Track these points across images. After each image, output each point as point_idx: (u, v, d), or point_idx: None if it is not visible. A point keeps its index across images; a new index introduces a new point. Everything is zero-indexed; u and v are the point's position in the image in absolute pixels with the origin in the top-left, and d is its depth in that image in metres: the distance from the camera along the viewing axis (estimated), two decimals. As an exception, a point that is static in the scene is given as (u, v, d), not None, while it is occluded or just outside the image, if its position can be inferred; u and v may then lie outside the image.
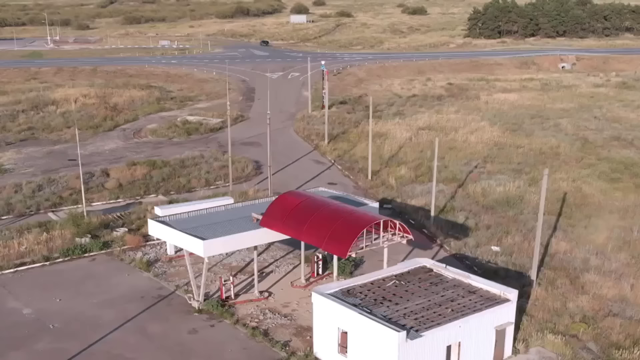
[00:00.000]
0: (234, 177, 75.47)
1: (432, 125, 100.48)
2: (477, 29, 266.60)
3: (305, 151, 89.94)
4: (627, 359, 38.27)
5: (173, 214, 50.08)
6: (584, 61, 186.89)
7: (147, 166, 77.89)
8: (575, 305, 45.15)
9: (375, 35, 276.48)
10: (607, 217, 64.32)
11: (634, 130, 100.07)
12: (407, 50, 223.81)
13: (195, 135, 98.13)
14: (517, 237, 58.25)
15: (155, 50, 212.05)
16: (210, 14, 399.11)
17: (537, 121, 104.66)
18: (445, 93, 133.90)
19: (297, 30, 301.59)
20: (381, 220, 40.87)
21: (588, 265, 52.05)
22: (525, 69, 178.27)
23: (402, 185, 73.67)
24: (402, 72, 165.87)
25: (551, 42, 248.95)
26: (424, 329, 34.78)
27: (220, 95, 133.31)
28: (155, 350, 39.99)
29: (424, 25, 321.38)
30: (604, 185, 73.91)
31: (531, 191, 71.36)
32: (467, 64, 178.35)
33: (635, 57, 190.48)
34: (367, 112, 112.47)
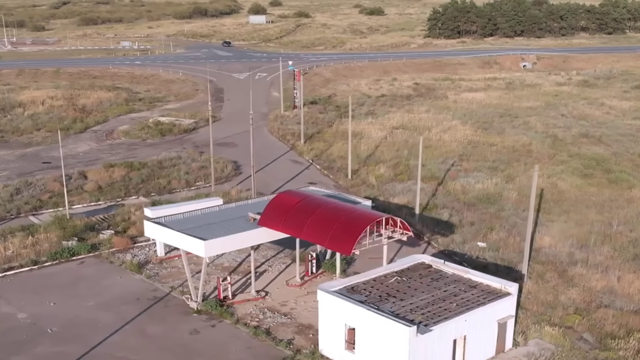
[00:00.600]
0: (216, 177, 75.37)
1: (405, 124, 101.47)
2: (437, 29, 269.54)
3: (282, 151, 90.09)
4: (623, 349, 39.35)
5: (164, 215, 50.06)
6: (544, 60, 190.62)
7: (124, 168, 77.19)
8: (567, 298, 46.35)
9: (336, 35, 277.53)
10: (584, 211, 65.92)
11: (600, 127, 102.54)
12: (369, 51, 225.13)
13: (169, 136, 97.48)
14: (502, 233, 59.41)
15: (116, 51, 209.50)
16: (167, 15, 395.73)
17: (506, 119, 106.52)
18: (413, 93, 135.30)
19: (257, 30, 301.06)
20: (383, 218, 41.36)
21: (574, 259, 53.38)
22: (488, 68, 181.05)
23: (382, 183, 74.33)
24: (367, 72, 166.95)
25: (510, 42, 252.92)
26: (432, 323, 35.38)
27: (189, 96, 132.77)
28: (159, 352, 39.85)
29: (383, 25, 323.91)
30: (578, 181, 75.66)
31: (509, 188, 72.79)
32: (431, 64, 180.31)
33: (594, 56, 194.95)
34: (339, 112, 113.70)
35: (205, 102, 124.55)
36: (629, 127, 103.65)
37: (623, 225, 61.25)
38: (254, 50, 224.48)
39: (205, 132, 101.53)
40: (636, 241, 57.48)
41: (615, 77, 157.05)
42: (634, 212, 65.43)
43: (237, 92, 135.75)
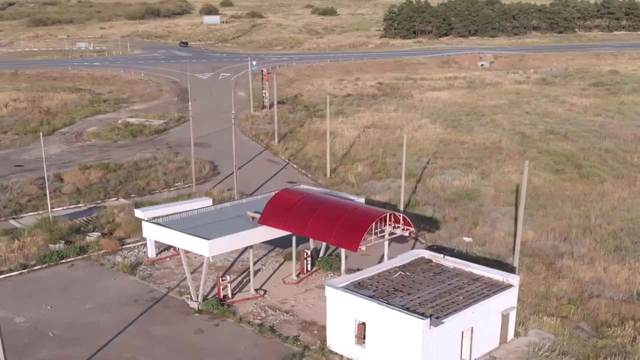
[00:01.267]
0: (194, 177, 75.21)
1: (376, 123, 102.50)
2: (393, 29, 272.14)
3: (257, 151, 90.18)
4: (620, 336, 40.74)
5: (155, 216, 50.09)
6: (501, 59, 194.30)
7: (100, 169, 76.45)
8: (559, 289, 47.72)
9: (293, 35, 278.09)
10: (560, 206, 67.73)
11: (564, 124, 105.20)
12: (328, 51, 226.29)
13: (140, 137, 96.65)
14: (486, 227, 60.72)
15: (73, 53, 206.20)
16: (119, 15, 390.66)
17: (473, 118, 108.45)
18: (379, 92, 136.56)
19: (212, 31, 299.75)
20: (388, 214, 42.02)
21: (558, 252, 54.93)
22: (447, 67, 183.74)
23: (361, 182, 75.06)
24: (330, 72, 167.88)
25: (465, 42, 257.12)
26: (443, 316, 36.14)
27: (154, 97, 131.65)
28: (167, 352, 39.78)
29: (338, 25, 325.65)
30: (550, 176, 77.63)
31: (485, 184, 74.31)
32: (392, 63, 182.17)
33: (549, 55, 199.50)
34: (308, 111, 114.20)
35: (170, 103, 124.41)
36: (591, 123, 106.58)
37: (600, 218, 63.15)
38: (213, 51, 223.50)
39: (177, 132, 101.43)
40: (615, 233, 59.34)
41: (572, 75, 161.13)
42: (608, 205, 67.47)
43: (203, 92, 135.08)
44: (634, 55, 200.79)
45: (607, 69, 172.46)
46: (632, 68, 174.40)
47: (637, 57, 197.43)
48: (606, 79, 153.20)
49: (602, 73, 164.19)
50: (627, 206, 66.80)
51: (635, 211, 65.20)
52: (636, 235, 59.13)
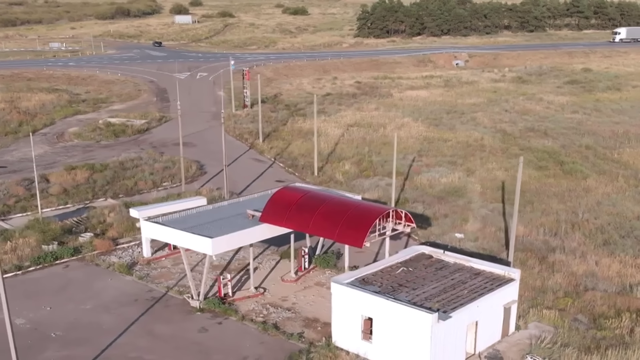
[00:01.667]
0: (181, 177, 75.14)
1: (359, 122, 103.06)
2: (366, 29, 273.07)
3: (242, 150, 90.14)
4: (618, 327, 41.63)
5: (151, 215, 50.17)
6: (476, 58, 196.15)
7: (86, 170, 75.89)
8: (554, 283, 48.52)
9: (267, 35, 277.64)
10: (547, 201, 68.81)
11: (543, 121, 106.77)
12: (302, 50, 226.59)
13: (123, 137, 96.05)
14: (476, 224, 61.47)
15: (46, 53, 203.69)
16: (89, 15, 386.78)
17: (454, 116, 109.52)
18: (358, 91, 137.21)
19: (185, 30, 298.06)
20: (391, 210, 42.45)
21: (550, 246, 55.82)
22: (423, 66, 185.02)
23: (349, 180, 75.47)
24: (307, 71, 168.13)
25: (438, 41, 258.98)
26: (450, 310, 36.65)
27: (133, 97, 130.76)
28: (173, 351, 39.75)
29: (310, 25, 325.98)
30: (534, 173, 78.77)
31: (471, 181, 75.24)
32: (368, 62, 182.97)
33: (522, 53, 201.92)
34: (290, 110, 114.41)
35: (150, 103, 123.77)
36: (569, 120, 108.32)
37: (587, 213, 64.28)
38: (187, 50, 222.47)
39: (159, 132, 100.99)
40: (602, 228, 60.43)
41: (547, 73, 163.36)
42: (593, 200, 68.68)
43: (181, 92, 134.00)
44: (605, 53, 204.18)
45: (580, 67, 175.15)
46: (604, 66, 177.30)
47: (608, 56, 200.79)
48: (580, 77, 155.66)
49: (576, 71, 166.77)
50: (611, 201, 68.05)
51: (620, 206, 66.47)
52: (623, 229, 60.29)
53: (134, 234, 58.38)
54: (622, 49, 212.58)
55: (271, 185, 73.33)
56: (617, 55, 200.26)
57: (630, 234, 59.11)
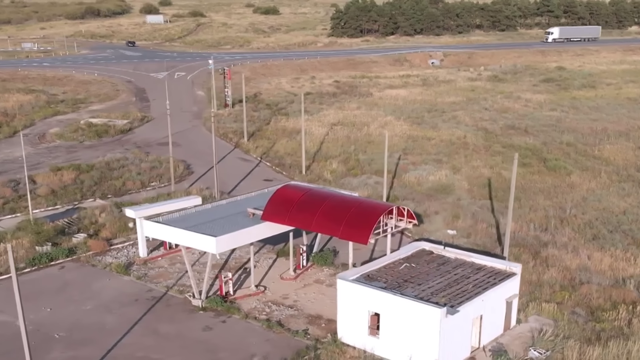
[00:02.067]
0: (169, 177, 75.01)
1: (342, 121, 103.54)
2: (340, 28, 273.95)
3: (227, 149, 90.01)
4: (616, 319, 42.54)
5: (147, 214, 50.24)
6: (451, 57, 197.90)
7: (73, 170, 75.36)
8: (549, 277, 49.37)
9: (240, 35, 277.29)
10: (533, 197, 69.88)
11: (523, 119, 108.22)
12: (277, 50, 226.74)
13: (106, 137, 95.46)
14: (468, 220, 62.21)
15: (18, 53, 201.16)
16: (58, 15, 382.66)
17: (435, 114, 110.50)
18: (337, 90, 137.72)
19: (157, 30, 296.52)
20: (394, 207, 42.90)
21: (541, 241, 56.75)
22: (399, 65, 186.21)
23: (337, 178, 75.84)
24: (285, 71, 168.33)
25: (411, 40, 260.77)
26: (457, 304, 37.19)
27: (111, 97, 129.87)
28: (179, 349, 39.76)
29: (283, 24, 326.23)
30: (519, 170, 78.92)
31: (457, 179, 76.09)
32: (345, 62, 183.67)
33: (496, 52, 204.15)
34: (272, 109, 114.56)
35: (129, 103, 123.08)
36: (548, 118, 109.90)
37: (575, 208, 65.43)
38: (162, 50, 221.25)
39: (142, 132, 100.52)
40: (591, 223, 61.58)
41: (522, 72, 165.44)
42: (579, 196, 69.92)
43: (160, 92, 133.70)
44: (577, 52, 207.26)
45: (553, 65, 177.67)
46: (577, 64, 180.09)
47: (580, 54, 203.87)
48: (555, 75, 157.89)
49: (550, 69, 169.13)
50: (597, 197, 69.31)
51: (606, 201, 67.75)
52: (610, 224, 61.51)
53: (127, 234, 58.25)
54: (593, 47, 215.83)
55: (260, 184, 73.61)
56: (589, 54, 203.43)
57: (617, 229, 60.34)
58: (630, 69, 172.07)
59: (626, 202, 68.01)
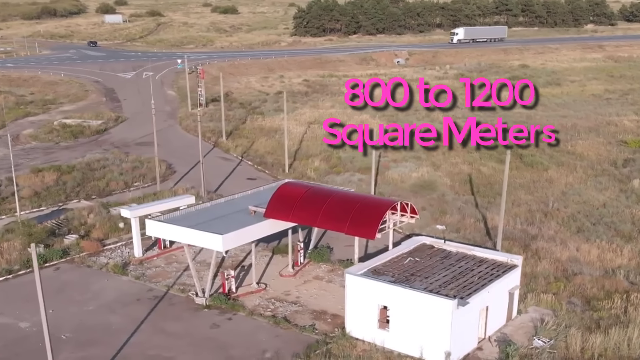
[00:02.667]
0: (152, 177, 75.05)
1: (319, 119, 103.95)
2: (303, 27, 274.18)
3: (206, 149, 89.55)
4: (613, 308, 43.95)
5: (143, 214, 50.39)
6: (416, 56, 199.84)
7: (54, 172, 74.54)
8: (542, 269, 50.69)
9: (202, 34, 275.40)
10: (514, 193, 71.38)
11: (494, 116, 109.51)
12: (241, 49, 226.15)
13: (82, 138, 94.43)
14: (455, 215, 63.35)
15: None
16: (14, 16, 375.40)
17: (409, 113, 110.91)
18: (309, 89, 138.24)
19: (117, 30, 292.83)
20: (399, 202, 43.65)
21: (528, 235, 58.18)
22: (366, 64, 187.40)
23: (321, 176, 76.38)
24: (253, 70, 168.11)
25: (374, 39, 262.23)
26: (466, 296, 38.09)
27: (81, 97, 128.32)
28: (190, 347, 39.92)
29: (244, 24, 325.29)
30: (497, 166, 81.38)
31: (439, 175, 77.36)
32: (312, 61, 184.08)
33: (460, 51, 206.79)
34: (246, 108, 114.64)
35: (100, 103, 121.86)
36: (518, 115, 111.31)
37: (557, 202, 67.11)
38: (125, 50, 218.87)
39: (118, 132, 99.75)
40: (574, 216, 63.31)
41: (487, 70, 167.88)
42: (558, 191, 71.74)
43: (130, 91, 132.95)
44: (538, 50, 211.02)
45: (516, 63, 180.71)
46: (539, 62, 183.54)
47: (541, 52, 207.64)
48: (520, 73, 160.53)
49: (514, 67, 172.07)
50: (576, 191, 71.15)
51: (586, 195, 69.63)
52: (593, 217, 63.30)
53: (119, 234, 57.99)
54: (553, 45, 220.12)
55: (244, 183, 73.93)
56: (549, 52, 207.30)
57: (600, 221, 62.12)
58: (592, 66, 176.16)
59: (604, 195, 69.99)
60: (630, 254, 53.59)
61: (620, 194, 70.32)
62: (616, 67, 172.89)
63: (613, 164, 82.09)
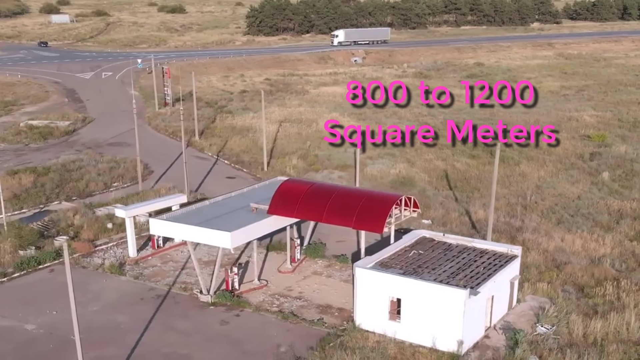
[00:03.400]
0: (130, 177, 74.78)
1: (289, 118, 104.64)
2: (256, 27, 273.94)
3: (180, 148, 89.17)
4: (607, 294, 45.78)
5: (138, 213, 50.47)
6: (372, 55, 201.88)
7: (30, 173, 73.42)
8: (532, 259, 52.35)
9: (153, 33, 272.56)
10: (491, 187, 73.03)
11: (459, 113, 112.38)
12: (197, 49, 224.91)
13: (51, 139, 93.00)
14: (440, 210, 64.73)
15: None
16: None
17: (376, 110, 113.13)
18: (272, 88, 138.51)
19: (66, 30, 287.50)
20: (403, 197, 44.67)
21: (513, 227, 59.90)
22: (324, 63, 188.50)
23: (299, 174, 76.99)
24: (212, 69, 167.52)
25: (327, 38, 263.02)
26: (475, 286, 39.31)
27: (42, 99, 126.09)
28: (205, 344, 40.16)
29: (194, 23, 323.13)
30: (470, 161, 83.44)
31: (416, 171, 78.75)
32: (271, 60, 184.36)
33: (415, 49, 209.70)
34: (213, 107, 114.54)
35: (63, 104, 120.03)
36: (482, 112, 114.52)
37: (533, 196, 69.17)
38: (78, 50, 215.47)
39: (87, 133, 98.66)
40: (552, 208, 65.47)
41: (444, 68, 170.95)
42: (532, 184, 73.93)
43: (92, 92, 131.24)
44: (491, 48, 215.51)
45: (471, 61, 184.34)
46: (493, 60, 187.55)
47: (493, 50, 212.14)
48: (476, 71, 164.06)
49: (470, 65, 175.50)
50: (550, 184, 73.45)
51: (560, 188, 71.95)
52: (570, 209, 65.55)
53: (109, 235, 57.64)
54: (504, 43, 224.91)
55: (223, 181, 74.26)
56: (501, 50, 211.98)
57: (577, 213, 64.37)
58: (544, 63, 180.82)
59: (578, 188, 72.44)
60: (612, 243, 55.77)
61: (592, 186, 72.87)
62: (568, 64, 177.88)
63: (580, 158, 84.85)
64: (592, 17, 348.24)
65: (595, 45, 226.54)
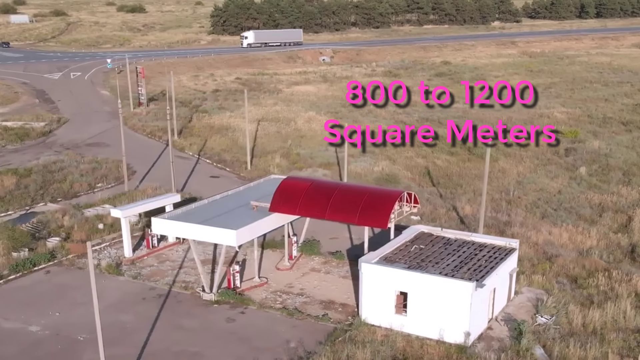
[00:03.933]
0: (114, 177, 74.50)
1: (266, 117, 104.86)
2: (220, 26, 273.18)
3: (159, 148, 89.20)
4: (600, 285, 47.17)
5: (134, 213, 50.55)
6: (340, 54, 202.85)
7: (11, 175, 72.57)
8: (524, 252, 53.49)
9: (116, 33, 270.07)
10: (472, 183, 74.69)
11: (433, 111, 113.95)
12: (164, 48, 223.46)
13: (28, 140, 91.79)
14: (427, 206, 65.73)
15: None
16: None
17: (351, 109, 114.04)
18: (245, 87, 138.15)
19: (26, 30, 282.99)
20: (405, 193, 45.44)
21: (500, 221, 61.21)
22: (292, 62, 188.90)
23: (283, 172, 77.22)
24: (181, 69, 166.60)
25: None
26: (480, 279, 40.26)
27: (12, 100, 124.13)
28: (215, 341, 40.36)
29: (155, 23, 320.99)
30: (450, 158, 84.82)
31: (398, 168, 79.78)
32: (239, 59, 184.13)
33: (382, 48, 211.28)
34: (187, 107, 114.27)
35: (34, 105, 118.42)
36: (455, 110, 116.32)
37: (516, 191, 70.68)
38: (42, 50, 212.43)
39: (64, 134, 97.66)
40: (535, 203, 67.09)
41: (412, 67, 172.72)
42: (512, 180, 75.56)
43: (62, 92, 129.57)
44: (456, 47, 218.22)
45: (438, 60, 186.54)
46: (460, 59, 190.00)
47: (458, 49, 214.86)
48: (444, 69, 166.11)
49: (437, 64, 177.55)
50: (530, 179, 75.17)
51: (540, 183, 73.66)
52: (552, 203, 67.23)
53: (101, 235, 57.36)
54: (469, 42, 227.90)
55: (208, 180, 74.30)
56: (466, 49, 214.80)
57: (560, 207, 66.06)
58: (510, 61, 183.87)
59: (557, 183, 74.27)
60: (598, 236, 57.46)
61: (571, 181, 74.76)
62: (533, 62, 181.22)
63: (556, 154, 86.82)
64: (550, 15, 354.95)
65: (557, 43, 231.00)
